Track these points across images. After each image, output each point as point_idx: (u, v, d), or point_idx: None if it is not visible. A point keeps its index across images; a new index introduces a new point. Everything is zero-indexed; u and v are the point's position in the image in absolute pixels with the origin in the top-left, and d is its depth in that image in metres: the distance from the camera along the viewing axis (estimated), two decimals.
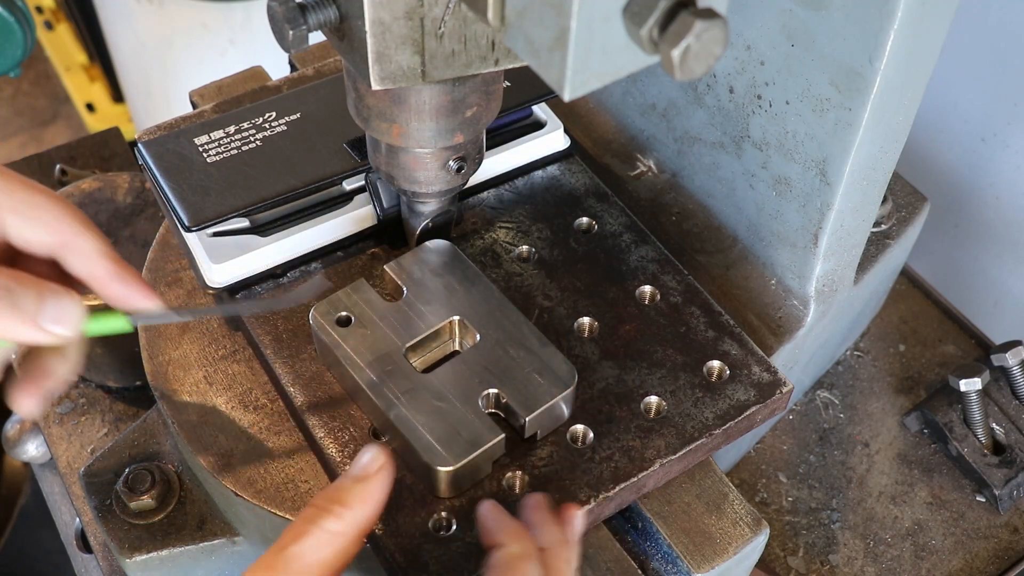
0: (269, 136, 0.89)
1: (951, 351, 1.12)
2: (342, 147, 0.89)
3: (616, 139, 1.00)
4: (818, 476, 1.03)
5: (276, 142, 0.89)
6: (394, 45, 0.63)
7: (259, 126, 0.90)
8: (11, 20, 1.17)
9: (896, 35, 0.70)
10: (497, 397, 0.76)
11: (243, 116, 0.91)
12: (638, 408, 0.79)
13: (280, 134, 0.90)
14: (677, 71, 0.49)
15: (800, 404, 1.07)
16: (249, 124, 0.90)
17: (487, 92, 0.74)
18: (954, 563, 0.98)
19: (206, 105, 0.99)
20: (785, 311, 0.89)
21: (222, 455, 0.79)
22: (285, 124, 0.91)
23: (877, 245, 0.98)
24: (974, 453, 1.00)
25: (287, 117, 0.91)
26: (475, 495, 0.74)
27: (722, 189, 0.92)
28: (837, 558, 0.98)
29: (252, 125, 0.90)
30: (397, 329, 0.79)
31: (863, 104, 0.75)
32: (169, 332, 0.86)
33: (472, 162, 0.79)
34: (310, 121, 0.91)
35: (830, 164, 0.80)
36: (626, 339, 0.83)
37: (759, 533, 0.77)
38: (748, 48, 0.81)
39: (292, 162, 0.88)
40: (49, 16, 2.51)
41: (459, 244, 0.87)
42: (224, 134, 0.89)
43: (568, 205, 0.92)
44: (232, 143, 0.89)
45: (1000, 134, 1.31)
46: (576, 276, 0.87)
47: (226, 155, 0.88)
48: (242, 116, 0.91)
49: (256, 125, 0.90)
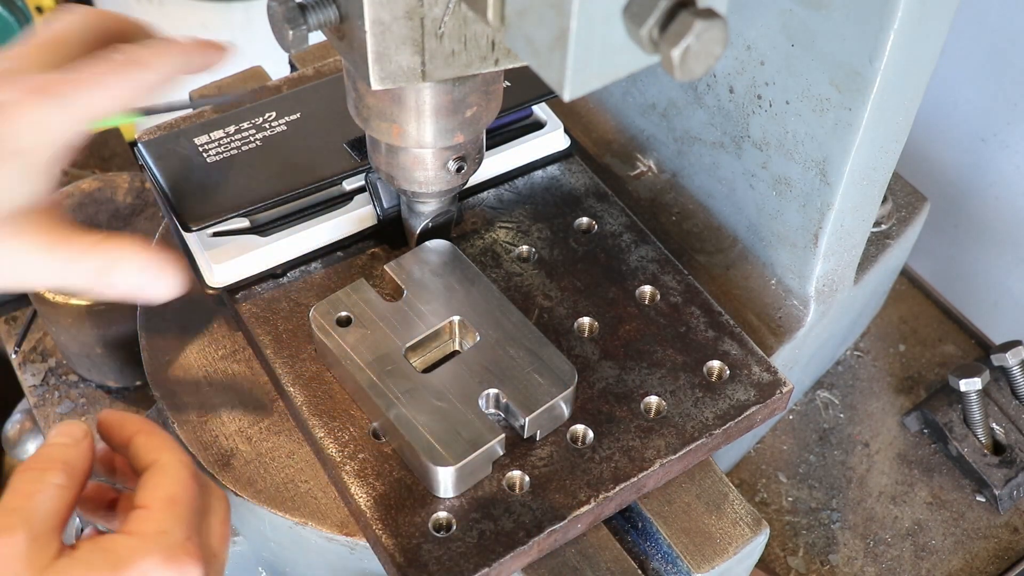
0: (269, 136, 0.90)
1: (951, 351, 1.12)
2: (342, 147, 0.89)
3: (616, 139, 1.00)
4: (818, 476, 1.03)
5: (276, 142, 0.89)
6: (394, 45, 0.63)
7: (259, 126, 0.90)
8: (11, 20, 1.17)
9: (896, 35, 0.70)
10: (497, 397, 0.76)
11: (243, 116, 0.91)
12: (638, 408, 0.79)
13: (280, 134, 0.90)
14: (677, 71, 0.49)
15: (800, 404, 1.07)
16: (249, 124, 0.90)
17: (487, 92, 0.74)
18: (954, 563, 0.98)
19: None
20: (785, 311, 0.89)
21: (222, 455, 0.80)
22: (285, 124, 0.91)
23: (877, 245, 0.98)
24: (974, 453, 1.00)
25: (287, 117, 0.91)
26: (475, 495, 0.74)
27: (722, 189, 0.92)
28: (837, 558, 0.98)
29: (252, 125, 0.90)
30: (397, 329, 0.79)
31: (863, 104, 0.75)
32: (169, 332, 0.86)
33: (472, 162, 0.79)
34: (310, 121, 0.91)
35: (830, 164, 0.80)
36: (626, 339, 0.83)
37: (759, 533, 0.77)
38: (748, 48, 0.81)
39: (292, 162, 0.88)
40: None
41: (459, 244, 0.87)
42: (224, 134, 0.89)
43: (568, 205, 0.92)
44: (232, 143, 0.89)
45: (1000, 134, 1.31)
46: (576, 276, 0.87)
47: (226, 155, 0.88)
48: (242, 116, 0.91)
49: (256, 125, 0.90)
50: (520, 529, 0.73)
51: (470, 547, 0.72)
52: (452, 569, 0.71)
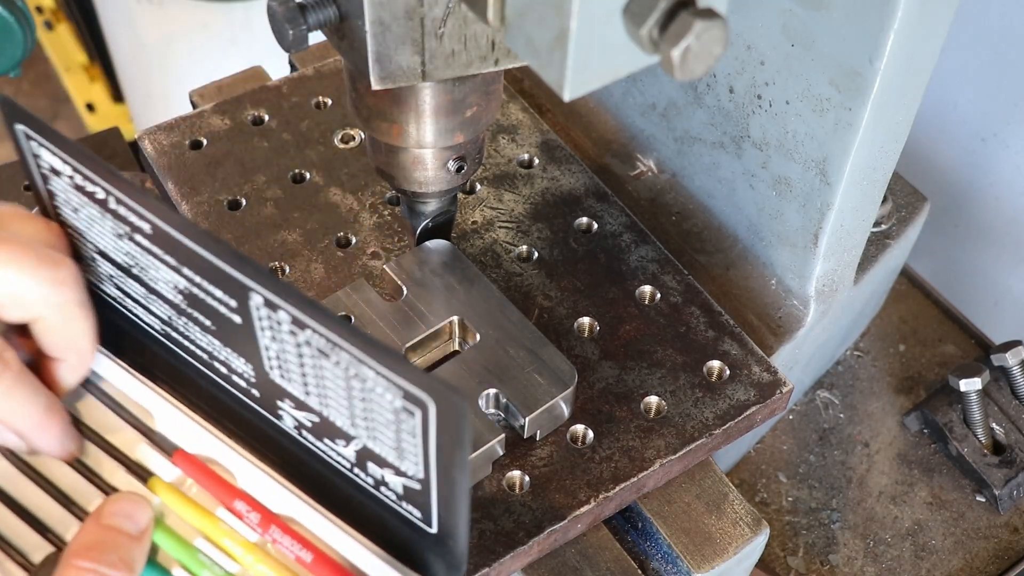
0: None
1: (951, 351, 1.12)
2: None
3: (616, 139, 1.00)
4: (818, 476, 1.03)
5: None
6: (394, 45, 0.63)
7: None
8: (11, 20, 1.17)
9: (896, 35, 0.70)
10: (497, 397, 0.76)
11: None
12: (638, 408, 0.79)
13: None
14: (677, 71, 0.49)
15: (800, 404, 1.07)
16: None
17: (487, 92, 0.74)
18: (954, 563, 0.98)
19: (206, 105, 0.99)
20: (785, 311, 0.89)
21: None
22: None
23: (877, 245, 0.98)
24: (974, 453, 1.00)
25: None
26: (475, 495, 0.74)
27: (722, 189, 0.92)
28: (837, 558, 0.98)
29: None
30: (397, 329, 0.79)
31: (863, 104, 0.75)
32: None
33: (472, 162, 0.79)
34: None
35: (830, 164, 0.80)
36: (626, 339, 0.83)
37: (759, 533, 0.77)
38: (748, 48, 0.81)
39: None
40: (49, 16, 2.50)
41: (459, 244, 0.87)
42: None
43: (568, 205, 0.92)
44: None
45: (1000, 134, 1.31)
46: (576, 276, 0.87)
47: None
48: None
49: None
50: (520, 529, 0.73)
51: (470, 547, 0.72)
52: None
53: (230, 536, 0.62)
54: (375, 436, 0.57)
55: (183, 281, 0.60)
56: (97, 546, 0.58)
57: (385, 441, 0.56)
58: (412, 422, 0.53)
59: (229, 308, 0.59)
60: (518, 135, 0.97)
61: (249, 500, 0.63)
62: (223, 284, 0.58)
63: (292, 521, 0.63)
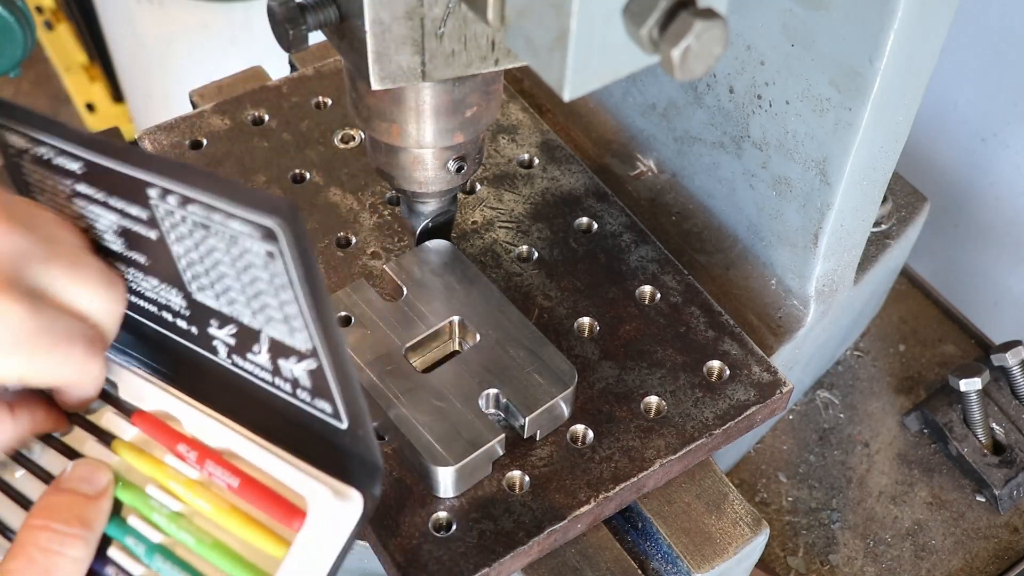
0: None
1: (951, 351, 1.12)
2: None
3: (616, 139, 1.00)
4: (818, 476, 1.03)
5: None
6: (394, 45, 0.63)
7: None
8: (11, 20, 1.17)
9: (896, 35, 0.70)
10: (497, 397, 0.76)
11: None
12: (638, 408, 0.79)
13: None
14: (677, 71, 0.49)
15: (800, 404, 1.07)
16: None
17: (487, 92, 0.74)
18: (954, 563, 0.98)
19: (206, 105, 0.99)
20: (785, 311, 0.89)
21: None
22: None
23: (877, 245, 0.98)
24: (974, 453, 1.00)
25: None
26: (475, 495, 0.74)
27: (722, 189, 0.92)
28: (837, 558, 0.98)
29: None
30: (397, 329, 0.79)
31: (863, 104, 0.75)
32: None
33: (472, 162, 0.79)
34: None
35: (830, 164, 0.80)
36: (626, 339, 0.83)
37: (759, 533, 0.77)
38: (748, 48, 0.81)
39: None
40: (49, 16, 2.50)
41: (459, 244, 0.87)
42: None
43: (568, 205, 0.92)
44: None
45: (1000, 134, 1.31)
46: (576, 276, 0.87)
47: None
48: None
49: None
50: (520, 529, 0.73)
51: (470, 547, 0.72)
52: (452, 569, 0.71)
53: (175, 478, 0.65)
54: (268, 315, 0.59)
55: (115, 216, 0.62)
56: (52, 506, 0.61)
57: (275, 315, 0.58)
58: (276, 265, 0.55)
59: (144, 224, 0.60)
60: (518, 135, 0.97)
61: (189, 441, 0.65)
62: (131, 195, 0.60)
63: (229, 454, 0.65)
